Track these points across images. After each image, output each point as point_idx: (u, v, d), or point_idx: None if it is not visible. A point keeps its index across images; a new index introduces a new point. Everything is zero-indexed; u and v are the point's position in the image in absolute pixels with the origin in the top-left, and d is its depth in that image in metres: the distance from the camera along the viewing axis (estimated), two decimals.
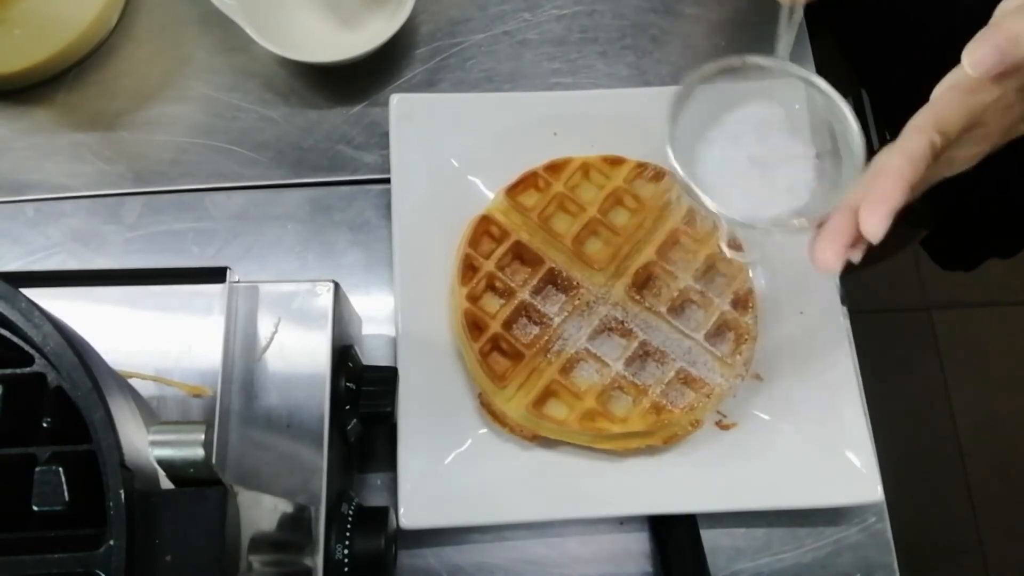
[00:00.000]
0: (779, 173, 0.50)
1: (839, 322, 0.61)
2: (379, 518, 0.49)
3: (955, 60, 0.46)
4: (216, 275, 0.49)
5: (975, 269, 0.89)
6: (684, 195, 0.49)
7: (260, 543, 0.36)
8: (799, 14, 0.53)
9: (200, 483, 0.31)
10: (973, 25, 0.45)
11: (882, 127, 0.72)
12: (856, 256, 0.46)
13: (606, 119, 0.66)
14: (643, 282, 0.61)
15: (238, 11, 0.66)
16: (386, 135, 0.65)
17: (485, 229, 0.62)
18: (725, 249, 0.54)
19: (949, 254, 0.90)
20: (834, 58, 0.53)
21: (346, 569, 0.47)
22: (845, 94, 0.51)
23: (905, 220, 0.48)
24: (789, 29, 0.52)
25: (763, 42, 0.72)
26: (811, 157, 0.51)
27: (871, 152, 0.47)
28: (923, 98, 0.46)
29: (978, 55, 0.42)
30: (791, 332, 0.62)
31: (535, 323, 0.60)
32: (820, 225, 0.46)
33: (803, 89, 0.52)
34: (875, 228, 0.43)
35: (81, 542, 0.29)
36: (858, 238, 0.45)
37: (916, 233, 0.95)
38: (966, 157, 0.47)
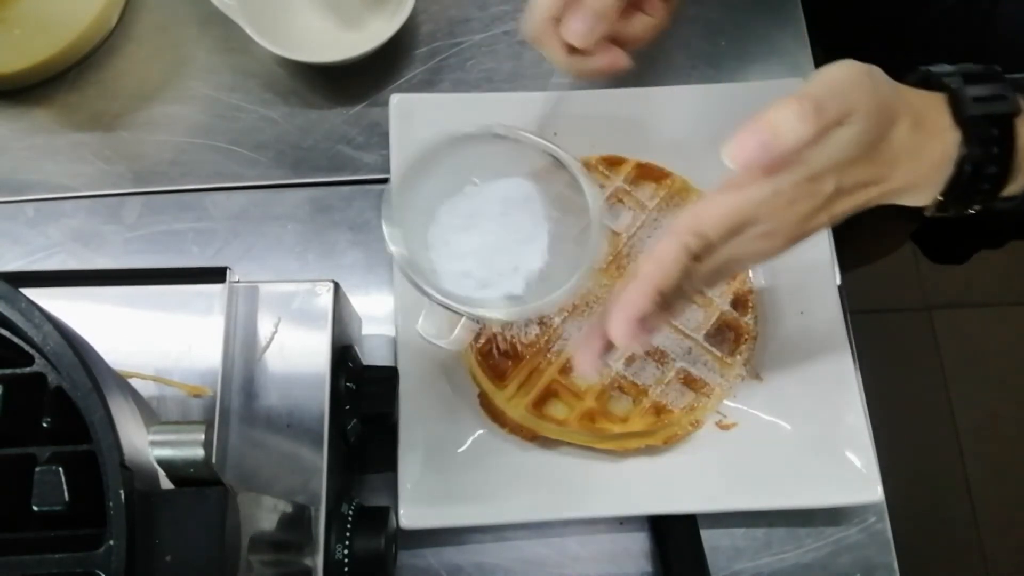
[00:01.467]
0: (510, 256, 0.49)
1: (839, 322, 0.61)
2: (379, 518, 0.49)
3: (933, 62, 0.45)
4: (216, 275, 0.49)
5: (966, 262, 0.89)
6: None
7: (260, 543, 0.36)
8: (569, 83, 0.52)
9: (200, 483, 0.31)
10: (949, 30, 0.44)
11: None
12: (610, 358, 0.45)
13: (606, 119, 0.66)
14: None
15: (238, 11, 0.66)
16: (386, 135, 0.65)
17: None
18: (420, 331, 0.51)
19: (939, 248, 0.90)
20: (819, 61, 0.53)
21: (346, 569, 0.47)
22: None
23: (896, 213, 0.48)
24: (557, 100, 0.52)
25: (763, 43, 0.72)
26: (545, 239, 0.49)
27: None
28: None
29: (736, 148, 0.40)
30: (791, 332, 0.62)
31: (535, 323, 0.60)
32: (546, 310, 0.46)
33: (546, 159, 0.50)
34: (618, 334, 0.43)
35: (81, 542, 0.29)
36: (610, 343, 0.44)
37: (909, 227, 0.95)
38: (751, 254, 0.44)
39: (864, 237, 1.01)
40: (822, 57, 0.70)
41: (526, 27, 0.49)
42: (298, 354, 0.50)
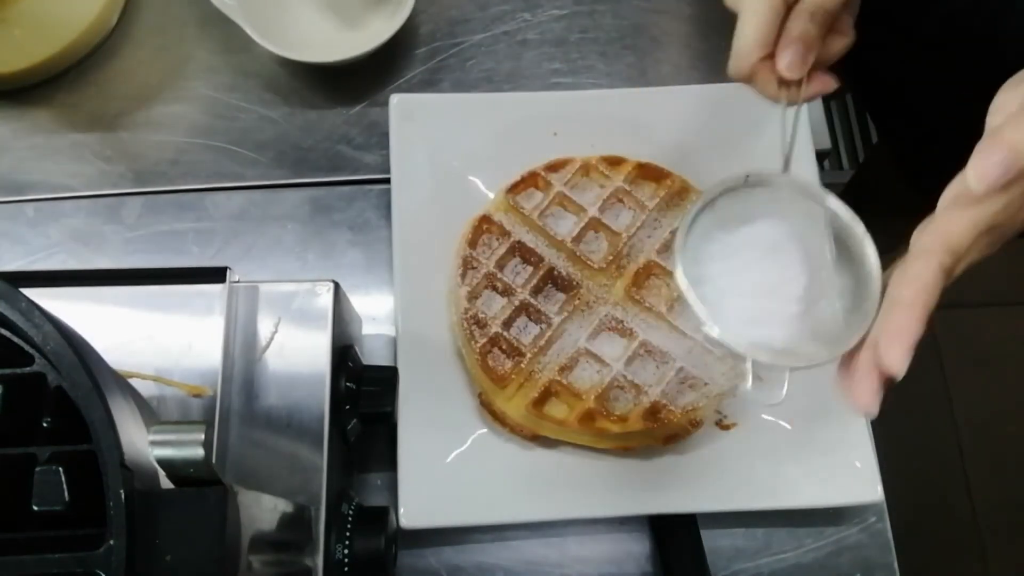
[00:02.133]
0: (789, 301, 0.46)
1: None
2: (379, 518, 0.49)
3: (942, 63, 0.45)
4: (216, 275, 0.49)
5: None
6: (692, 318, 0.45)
7: (260, 543, 0.36)
8: (802, 115, 0.49)
9: (200, 483, 0.31)
10: (959, 30, 0.44)
11: (866, 130, 0.71)
12: (882, 390, 0.43)
13: (606, 119, 0.66)
14: (643, 282, 0.61)
15: (238, 11, 0.66)
16: (386, 135, 0.65)
17: (485, 229, 0.62)
18: (749, 386, 0.46)
19: None
20: None
21: (346, 569, 0.47)
22: (834, 96, 0.50)
23: (898, 213, 0.48)
24: (793, 130, 0.48)
25: None
26: (824, 283, 0.46)
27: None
28: (909, 101, 0.45)
29: (981, 171, 0.41)
30: None
31: (535, 323, 0.60)
32: (840, 356, 0.44)
33: (814, 207, 0.47)
34: (897, 364, 0.42)
35: (81, 542, 0.29)
36: (884, 374, 0.43)
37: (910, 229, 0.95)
38: (980, 256, 0.45)
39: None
40: None
41: (735, 68, 0.49)
42: (298, 354, 0.50)
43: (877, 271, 0.45)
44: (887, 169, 0.49)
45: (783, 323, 0.45)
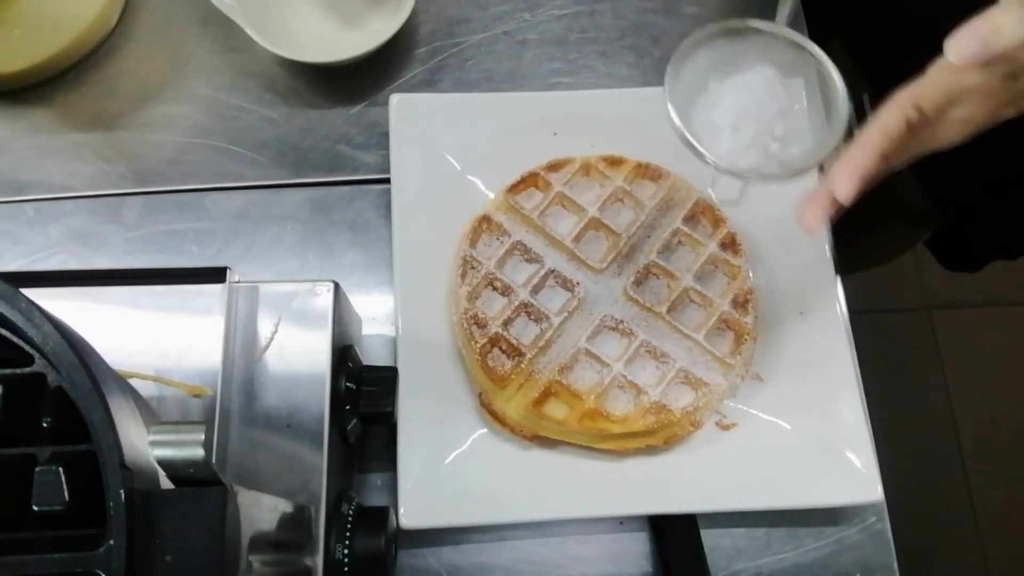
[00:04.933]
0: (766, 128, 0.53)
1: (839, 322, 0.61)
2: (379, 518, 0.49)
3: None
4: (216, 275, 0.49)
5: (979, 271, 0.89)
6: (679, 141, 0.53)
7: (260, 543, 0.36)
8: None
9: (200, 483, 0.31)
10: None
11: None
12: (828, 214, 0.49)
13: (606, 119, 0.66)
14: (643, 282, 0.61)
15: (238, 11, 0.66)
16: (386, 135, 0.65)
17: (485, 229, 0.62)
18: (712, 192, 0.58)
19: (954, 256, 0.90)
20: (839, 60, 0.54)
21: (346, 569, 0.47)
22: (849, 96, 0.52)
23: (910, 221, 0.48)
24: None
25: None
26: (797, 116, 0.55)
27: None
28: None
29: (959, 44, 0.45)
30: (791, 332, 0.62)
31: (535, 323, 0.60)
32: (794, 176, 0.51)
33: (797, 52, 0.55)
34: (842, 189, 0.47)
35: (81, 542, 0.29)
36: (835, 201, 0.48)
37: (920, 235, 0.95)
38: (948, 135, 0.50)
39: (869, 243, 1.01)
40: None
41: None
42: (298, 354, 0.50)
43: (845, 112, 0.53)
44: (900, 174, 0.51)
45: (757, 148, 0.53)
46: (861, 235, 0.92)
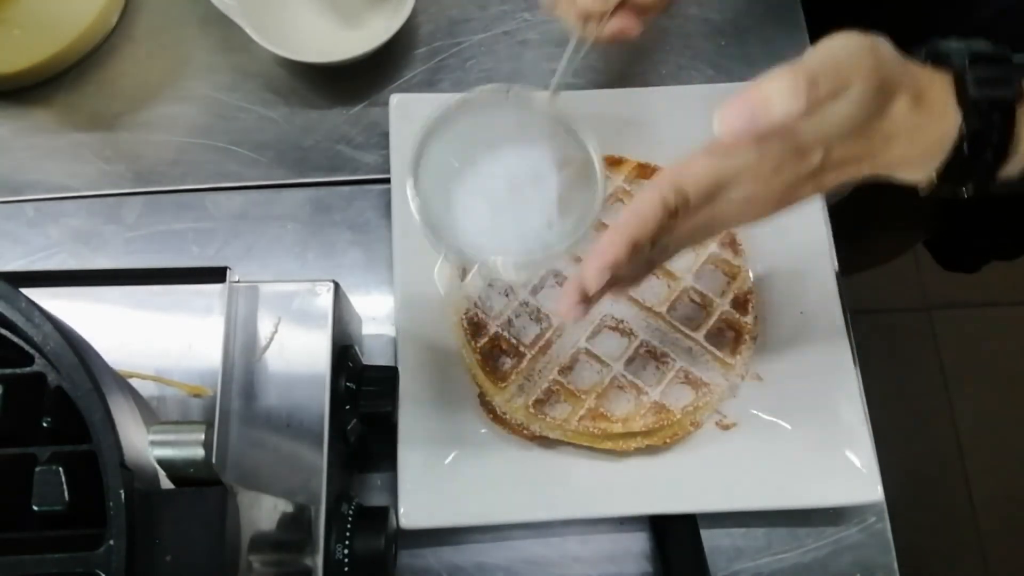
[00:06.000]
0: (519, 215, 0.52)
1: (839, 322, 0.61)
2: (379, 518, 0.49)
3: None
4: (216, 275, 0.49)
5: (977, 271, 0.89)
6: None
7: (260, 543, 0.36)
8: (585, 47, 0.54)
9: (200, 483, 0.31)
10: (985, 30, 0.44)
11: None
12: (583, 305, 0.46)
13: (606, 119, 0.66)
14: (643, 282, 0.61)
15: (238, 11, 0.66)
16: (386, 135, 0.65)
17: None
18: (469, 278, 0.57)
19: (952, 256, 0.90)
20: None
21: (346, 569, 0.47)
22: None
23: (910, 221, 0.48)
24: (571, 61, 0.53)
25: (763, 43, 0.72)
26: (553, 203, 0.53)
27: None
28: None
29: (726, 116, 0.40)
30: (791, 332, 0.62)
31: (535, 323, 0.60)
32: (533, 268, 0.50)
33: (561, 132, 0.53)
34: (589, 278, 0.44)
35: (81, 542, 0.29)
36: (585, 294, 0.45)
37: (919, 236, 0.95)
38: (732, 217, 0.45)
39: (869, 243, 1.01)
40: None
41: None
42: (298, 354, 0.49)
43: (601, 196, 0.51)
44: (886, 185, 0.50)
45: (518, 237, 0.52)
46: (861, 235, 0.92)
